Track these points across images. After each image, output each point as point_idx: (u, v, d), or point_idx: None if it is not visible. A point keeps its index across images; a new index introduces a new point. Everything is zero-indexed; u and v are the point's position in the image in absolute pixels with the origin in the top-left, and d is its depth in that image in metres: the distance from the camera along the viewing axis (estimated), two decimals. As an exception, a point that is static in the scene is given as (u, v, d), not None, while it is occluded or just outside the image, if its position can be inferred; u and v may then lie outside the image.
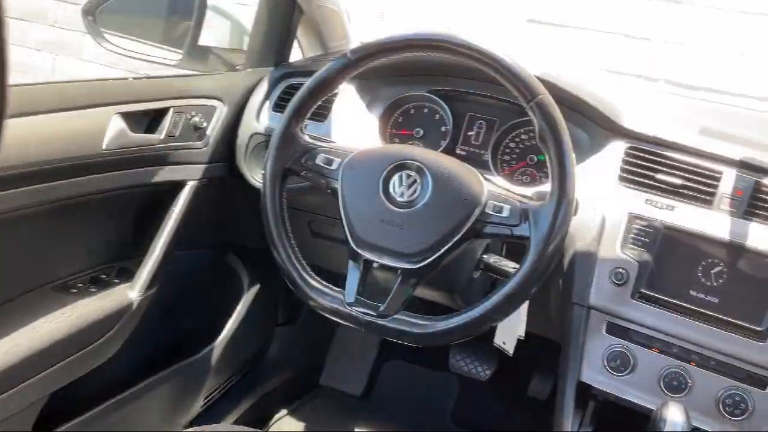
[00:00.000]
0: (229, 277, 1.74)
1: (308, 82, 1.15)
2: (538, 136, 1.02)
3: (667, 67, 2.62)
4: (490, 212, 1.04)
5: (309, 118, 1.19)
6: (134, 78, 1.42)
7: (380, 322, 1.06)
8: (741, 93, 2.50)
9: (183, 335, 1.63)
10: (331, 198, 1.14)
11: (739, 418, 1.11)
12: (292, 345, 1.97)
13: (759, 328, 1.11)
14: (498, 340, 1.28)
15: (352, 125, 1.43)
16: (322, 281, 1.14)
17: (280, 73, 1.55)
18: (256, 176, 1.48)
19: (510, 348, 1.27)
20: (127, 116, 1.27)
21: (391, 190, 1.08)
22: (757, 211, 1.15)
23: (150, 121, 1.35)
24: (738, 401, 1.12)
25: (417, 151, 1.11)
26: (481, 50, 1.04)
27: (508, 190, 1.10)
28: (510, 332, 1.26)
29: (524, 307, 1.24)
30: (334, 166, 1.14)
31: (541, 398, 1.83)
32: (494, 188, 1.08)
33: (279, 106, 1.49)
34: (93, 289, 1.32)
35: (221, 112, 1.48)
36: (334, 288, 1.13)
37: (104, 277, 1.37)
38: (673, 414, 1.02)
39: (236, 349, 1.73)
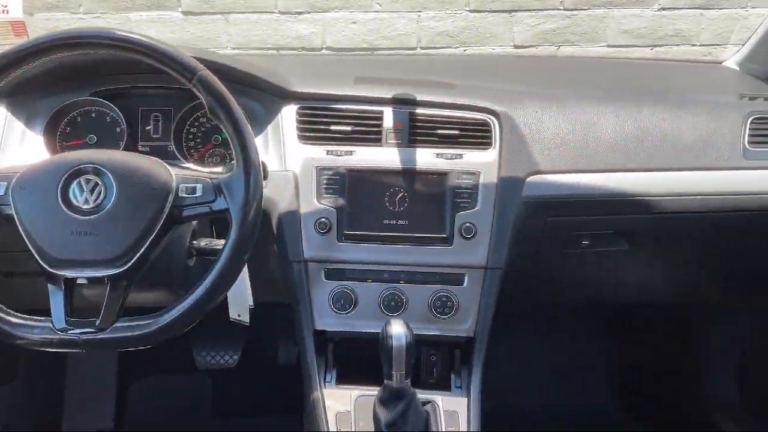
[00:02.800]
0: None
1: None
2: (208, 112, 1.04)
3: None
4: (184, 195, 1.04)
5: None
6: None
7: (100, 336, 1.01)
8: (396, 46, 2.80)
9: None
10: (10, 228, 1.04)
11: (449, 315, 1.29)
12: (18, 407, 1.76)
13: (445, 235, 1.29)
14: (233, 314, 1.30)
15: (13, 151, 1.31)
16: (24, 315, 1.04)
17: None
18: None
19: (246, 318, 1.30)
20: None
21: (72, 199, 1.02)
22: (417, 138, 1.32)
23: None
24: (445, 301, 1.29)
25: (90, 154, 1.06)
26: (131, 40, 1.02)
27: (198, 170, 1.11)
28: (241, 304, 1.29)
29: (245, 277, 1.28)
30: (1, 192, 1.03)
31: (292, 364, 1.90)
32: (182, 171, 1.08)
33: None
34: None
35: None
36: (39, 318, 1.04)
37: None
38: (396, 328, 1.13)
39: None
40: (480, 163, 1.30)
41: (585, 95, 1.42)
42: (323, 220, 1.28)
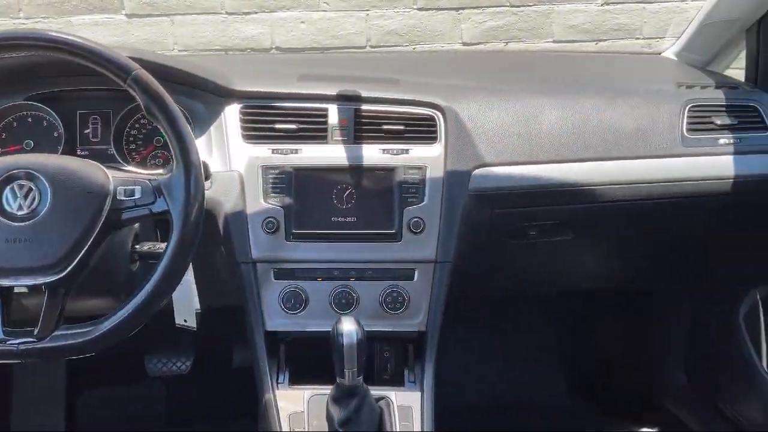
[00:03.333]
0: None
1: None
2: (145, 112, 1.02)
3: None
4: (122, 198, 1.02)
5: None
6: None
7: (39, 345, 0.98)
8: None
9: None
10: None
11: (400, 311, 1.29)
12: None
13: (393, 231, 1.29)
14: (179, 320, 1.28)
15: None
16: None
17: None
18: None
19: (193, 323, 1.28)
20: None
21: (6, 206, 0.99)
22: (363, 134, 1.32)
23: None
24: (396, 297, 1.29)
25: (23, 159, 1.03)
26: (63, 40, 1.00)
27: (137, 172, 1.09)
28: (186, 309, 1.27)
29: (191, 280, 1.26)
30: None
31: (247, 366, 1.87)
32: (121, 174, 1.06)
33: None
34: None
35: None
36: None
37: None
38: (347, 326, 1.12)
39: None
40: (426, 157, 1.30)
41: (528, 88, 1.44)
42: (270, 219, 1.27)
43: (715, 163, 1.39)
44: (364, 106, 1.33)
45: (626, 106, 1.39)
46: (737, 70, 1.69)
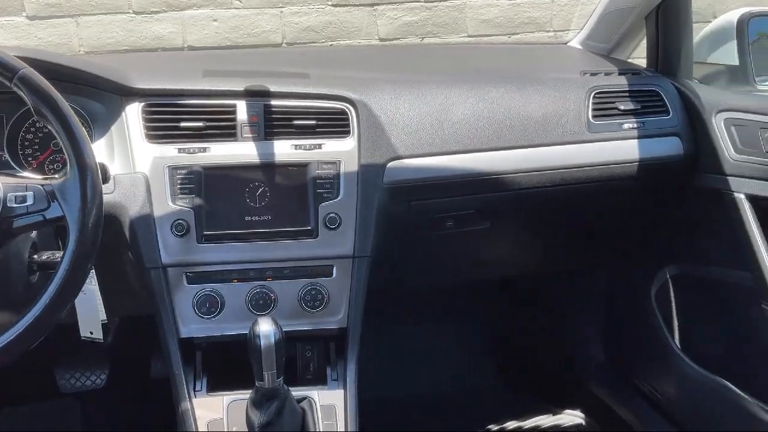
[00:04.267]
0: None
1: None
2: (34, 113, 0.96)
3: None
4: (13, 205, 0.96)
5: None
6: None
7: None
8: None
9: None
10: None
11: (320, 308, 1.27)
12: None
13: (309, 227, 1.26)
14: (84, 332, 1.21)
15: None
16: None
17: None
18: None
19: (99, 335, 1.22)
20: None
21: None
22: (274, 130, 1.29)
23: None
24: (315, 294, 1.27)
25: None
26: None
27: (30, 178, 1.02)
28: (92, 320, 1.20)
29: (95, 290, 1.20)
30: None
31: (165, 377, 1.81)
32: (11, 179, 0.99)
33: None
34: None
35: None
36: None
37: None
38: (264, 327, 1.09)
39: None
40: (339, 152, 1.29)
41: (440, 80, 1.44)
42: (180, 221, 1.22)
43: (620, 147, 1.43)
44: (274, 102, 1.30)
45: (533, 95, 1.42)
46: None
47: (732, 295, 1.44)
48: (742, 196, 1.35)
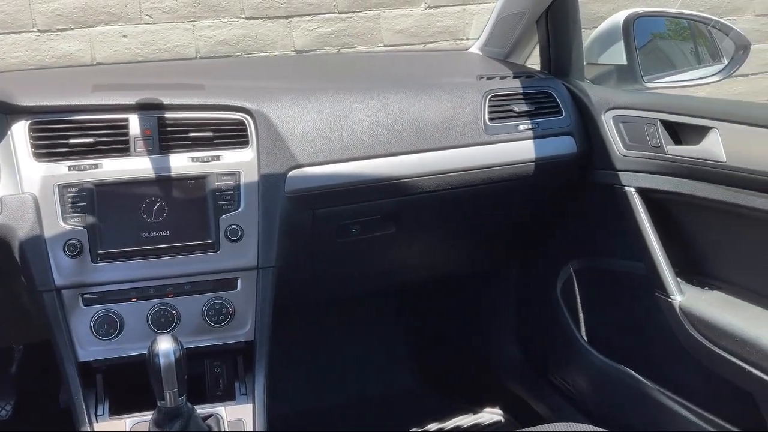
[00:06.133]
0: None
1: None
2: None
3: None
4: None
5: None
6: None
7: None
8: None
9: None
10: None
11: (225, 322, 1.25)
12: None
13: (211, 240, 1.25)
14: None
15: None
16: None
17: None
18: None
19: None
20: None
21: None
22: (169, 144, 1.26)
23: None
24: (219, 309, 1.25)
25: None
26: None
27: None
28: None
29: None
30: None
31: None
32: None
33: None
34: None
35: None
36: None
37: None
38: (163, 345, 1.07)
39: None
40: (239, 163, 1.28)
41: (340, 87, 1.45)
42: (72, 241, 1.18)
43: (517, 148, 1.47)
44: (168, 114, 1.28)
45: (431, 100, 1.44)
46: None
47: (629, 285, 1.50)
48: (632, 190, 1.40)
